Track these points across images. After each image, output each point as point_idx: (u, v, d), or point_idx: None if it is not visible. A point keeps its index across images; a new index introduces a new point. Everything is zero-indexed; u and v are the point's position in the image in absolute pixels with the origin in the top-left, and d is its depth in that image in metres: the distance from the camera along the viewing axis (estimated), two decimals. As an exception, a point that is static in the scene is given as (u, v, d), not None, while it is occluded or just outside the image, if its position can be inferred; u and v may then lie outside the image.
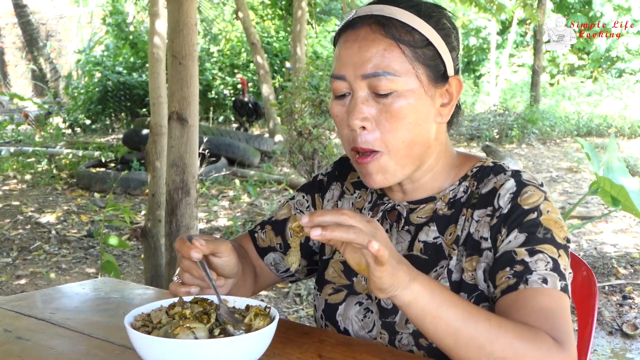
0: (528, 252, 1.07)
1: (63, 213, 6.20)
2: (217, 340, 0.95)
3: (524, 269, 1.06)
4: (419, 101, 1.12)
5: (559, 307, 1.03)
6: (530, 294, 1.04)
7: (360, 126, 1.12)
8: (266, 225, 1.38)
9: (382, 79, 1.09)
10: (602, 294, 4.06)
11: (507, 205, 1.12)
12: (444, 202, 1.20)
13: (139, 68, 12.57)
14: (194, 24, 2.99)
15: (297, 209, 1.37)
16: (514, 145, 10.42)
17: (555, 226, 1.10)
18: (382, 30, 1.11)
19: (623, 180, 3.41)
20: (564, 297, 1.05)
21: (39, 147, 9.42)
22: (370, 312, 1.21)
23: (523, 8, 7.29)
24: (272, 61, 12.95)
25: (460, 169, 1.22)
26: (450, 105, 1.17)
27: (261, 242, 1.37)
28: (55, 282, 4.40)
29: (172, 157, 3.04)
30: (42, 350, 1.12)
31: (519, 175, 1.15)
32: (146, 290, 1.51)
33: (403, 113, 1.11)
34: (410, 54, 1.11)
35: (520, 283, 1.05)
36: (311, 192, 1.38)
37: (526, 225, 1.09)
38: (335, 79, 1.14)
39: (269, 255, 1.37)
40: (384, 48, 1.10)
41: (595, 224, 5.58)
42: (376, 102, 1.11)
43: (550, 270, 1.05)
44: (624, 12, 16.22)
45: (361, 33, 1.13)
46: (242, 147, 8.38)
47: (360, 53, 1.11)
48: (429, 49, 1.12)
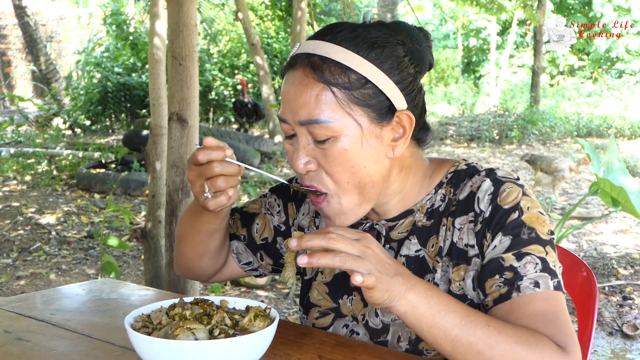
0: (515, 256, 1.06)
1: (63, 214, 6.20)
2: (217, 341, 0.95)
3: (513, 275, 1.05)
4: (361, 143, 1.07)
5: (555, 309, 1.03)
6: (524, 302, 1.03)
7: (305, 170, 1.10)
8: (235, 213, 1.37)
9: (316, 127, 1.06)
10: (602, 294, 4.06)
11: (488, 207, 1.10)
12: (422, 213, 1.18)
13: (139, 69, 12.57)
14: (194, 25, 2.99)
15: (267, 210, 1.35)
16: (514, 146, 10.42)
17: (537, 223, 1.08)
18: (314, 74, 1.06)
19: (623, 181, 3.41)
20: (558, 296, 1.04)
21: (39, 148, 9.42)
22: (356, 334, 1.20)
23: (523, 9, 7.28)
24: (272, 62, 12.95)
25: (434, 176, 1.19)
26: (404, 139, 1.11)
27: (228, 228, 1.34)
28: (55, 283, 4.39)
29: (172, 158, 3.04)
30: (42, 351, 1.12)
31: (493, 173, 1.13)
32: (146, 291, 1.51)
33: (343, 157, 1.07)
34: (344, 98, 1.05)
35: (513, 291, 1.04)
36: (283, 198, 1.35)
37: (510, 227, 1.08)
38: (281, 121, 1.12)
39: (232, 242, 1.36)
40: (317, 93, 1.05)
41: (595, 225, 5.57)
42: (316, 147, 1.08)
43: (540, 271, 1.04)
44: (624, 12, 16.22)
45: (297, 75, 1.08)
46: (242, 148, 8.38)
47: (295, 98, 1.08)
48: (367, 87, 1.06)
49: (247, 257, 1.37)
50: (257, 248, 1.35)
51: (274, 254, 1.35)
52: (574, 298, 1.45)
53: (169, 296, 1.41)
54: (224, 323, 1.03)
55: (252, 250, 1.36)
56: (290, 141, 1.13)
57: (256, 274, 1.40)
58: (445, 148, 9.92)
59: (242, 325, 1.03)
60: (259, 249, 1.35)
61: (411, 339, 1.13)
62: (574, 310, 1.43)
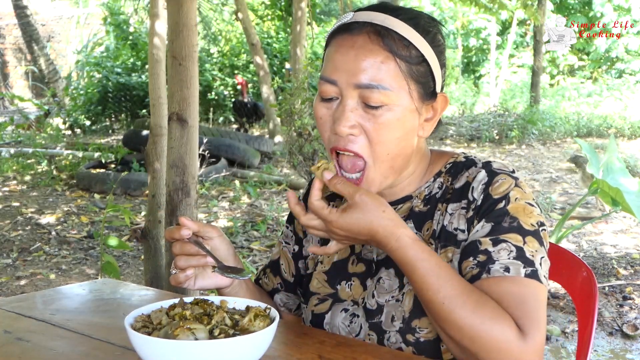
0: (492, 241, 1.09)
1: (63, 214, 6.20)
2: (217, 341, 0.95)
3: (486, 258, 1.08)
4: (407, 116, 1.12)
5: (524, 294, 1.04)
6: (493, 282, 1.06)
7: (348, 133, 1.11)
8: (267, 269, 1.42)
9: (374, 92, 1.08)
10: (602, 294, 4.06)
11: (480, 196, 1.14)
12: (419, 199, 1.22)
13: (138, 69, 12.57)
14: (194, 25, 2.99)
15: (285, 244, 1.40)
16: (514, 146, 10.42)
17: (523, 213, 1.11)
18: (381, 42, 1.09)
19: (623, 181, 3.42)
20: (530, 283, 1.05)
21: (39, 148, 9.42)
22: (356, 316, 1.22)
23: (524, 9, 7.28)
24: (272, 62, 12.95)
25: (434, 166, 1.24)
26: (434, 121, 1.17)
27: (266, 287, 1.40)
28: (55, 283, 4.39)
29: (172, 158, 3.03)
30: (42, 351, 1.12)
31: (489, 165, 1.17)
32: (146, 291, 1.51)
33: (391, 126, 1.10)
34: (405, 70, 1.10)
35: (483, 272, 1.07)
36: (291, 221, 1.40)
37: (493, 215, 1.11)
38: (326, 82, 1.12)
39: (275, 297, 1.40)
40: (381, 60, 1.09)
41: (595, 225, 5.58)
42: (365, 111, 1.10)
43: (514, 258, 1.06)
44: (624, 12, 16.22)
45: (359, 40, 1.10)
46: (242, 148, 8.38)
47: (356, 61, 1.09)
48: (423, 65, 1.12)
49: (293, 302, 1.40)
50: (294, 287, 1.39)
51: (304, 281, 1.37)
52: (574, 298, 1.45)
53: (169, 296, 1.41)
54: (224, 323, 1.03)
55: (292, 292, 1.40)
56: (327, 104, 1.14)
57: None
58: (445, 148, 9.89)
59: (242, 325, 1.03)
60: (295, 287, 1.39)
61: (405, 318, 1.15)
62: (574, 310, 1.43)
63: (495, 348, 1.00)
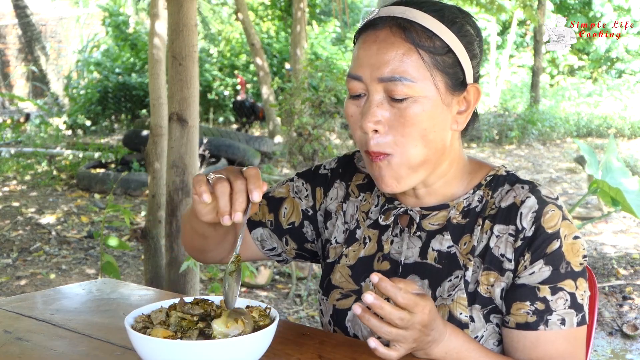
0: (550, 289, 1.11)
1: (63, 214, 6.20)
2: (217, 342, 0.95)
3: (545, 307, 1.11)
4: (435, 108, 1.11)
5: (574, 350, 1.12)
6: (550, 339, 1.11)
7: (373, 129, 1.11)
8: (262, 199, 1.34)
9: (398, 84, 1.08)
10: (602, 294, 4.06)
11: (531, 227, 1.12)
12: (457, 211, 1.19)
13: (139, 69, 12.57)
14: (194, 25, 2.99)
15: (296, 194, 1.35)
16: (514, 146, 10.42)
17: (573, 253, 1.13)
18: (403, 34, 1.10)
19: (623, 181, 3.42)
20: (580, 334, 1.13)
21: (39, 148, 9.42)
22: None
23: (523, 9, 7.27)
24: (272, 62, 12.94)
25: (474, 176, 1.21)
26: (467, 113, 1.16)
27: (253, 215, 1.34)
28: (55, 283, 4.39)
29: (172, 158, 3.04)
30: (42, 351, 1.12)
31: (537, 191, 1.15)
32: (146, 291, 1.51)
33: (417, 119, 1.10)
34: (429, 61, 1.09)
35: (541, 324, 1.11)
36: (312, 183, 1.35)
37: (551, 258, 1.12)
38: (352, 79, 1.13)
39: (257, 230, 1.35)
40: (403, 52, 1.09)
41: (595, 225, 5.58)
42: (391, 106, 1.10)
43: (569, 307, 1.11)
44: (624, 12, 16.21)
45: (381, 34, 1.11)
46: (242, 148, 8.38)
47: (378, 55, 1.10)
48: (449, 56, 1.11)
49: (271, 243, 1.36)
50: (284, 233, 1.35)
51: (300, 239, 1.35)
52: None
53: (169, 296, 1.41)
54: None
55: (278, 236, 1.35)
56: (356, 102, 1.14)
57: (279, 259, 1.39)
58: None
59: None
60: (285, 234, 1.35)
61: None
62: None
63: None
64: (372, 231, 1.25)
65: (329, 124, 5.43)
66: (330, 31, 13.92)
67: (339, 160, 1.36)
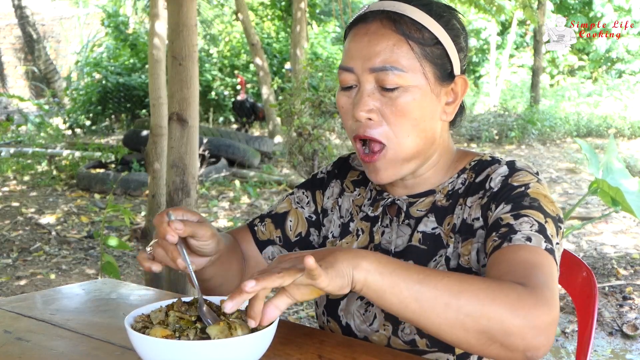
0: (513, 216, 1.07)
1: (63, 214, 6.20)
2: (217, 341, 0.95)
3: (508, 230, 1.05)
4: (425, 98, 1.14)
5: (540, 262, 1.00)
6: (512, 249, 1.02)
7: (366, 117, 1.14)
8: (266, 219, 1.37)
9: (389, 74, 1.11)
10: (602, 294, 4.06)
11: (498, 185, 1.14)
12: (442, 194, 1.22)
13: (138, 69, 12.57)
14: (194, 25, 2.99)
15: (297, 203, 1.38)
16: (514, 146, 10.42)
17: (544, 199, 1.10)
18: (393, 26, 1.13)
19: (623, 181, 3.42)
20: (548, 257, 1.01)
21: (39, 148, 9.42)
22: (371, 305, 1.22)
23: (522, 9, 7.28)
24: (272, 62, 12.95)
25: (459, 163, 1.24)
26: (455, 104, 1.19)
27: (261, 235, 1.36)
28: (55, 283, 4.39)
29: (172, 158, 3.04)
30: (42, 351, 1.12)
31: (512, 162, 1.18)
32: (146, 291, 1.51)
33: (408, 108, 1.13)
34: (418, 51, 1.13)
35: (505, 242, 1.04)
36: (311, 189, 1.39)
37: (513, 197, 1.10)
38: (343, 71, 1.16)
39: (267, 249, 1.36)
40: (394, 43, 1.12)
41: (595, 225, 5.58)
42: (382, 95, 1.13)
43: (536, 231, 1.04)
44: (624, 12, 16.21)
45: (372, 27, 1.15)
46: (242, 148, 8.39)
47: (369, 46, 1.13)
48: (437, 47, 1.14)
49: None
50: (292, 245, 1.36)
51: (308, 248, 1.36)
52: (574, 298, 1.45)
53: (169, 296, 1.41)
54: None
55: (288, 249, 1.37)
56: (347, 93, 1.17)
57: None
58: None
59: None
60: (294, 246, 1.36)
61: None
62: (574, 310, 1.43)
63: (508, 315, 0.91)
64: (365, 223, 1.28)
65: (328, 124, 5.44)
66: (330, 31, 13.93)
67: (334, 163, 1.41)
